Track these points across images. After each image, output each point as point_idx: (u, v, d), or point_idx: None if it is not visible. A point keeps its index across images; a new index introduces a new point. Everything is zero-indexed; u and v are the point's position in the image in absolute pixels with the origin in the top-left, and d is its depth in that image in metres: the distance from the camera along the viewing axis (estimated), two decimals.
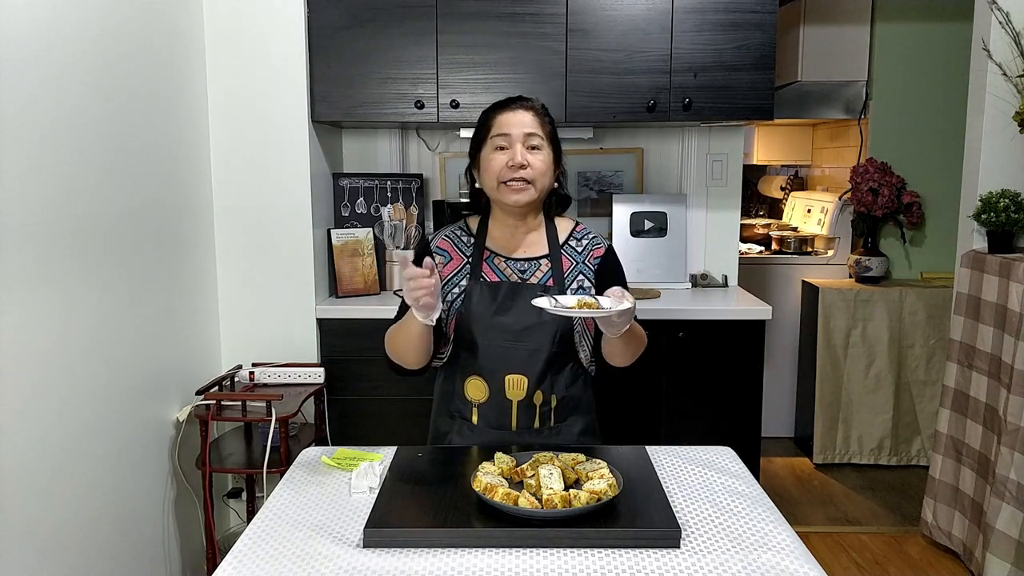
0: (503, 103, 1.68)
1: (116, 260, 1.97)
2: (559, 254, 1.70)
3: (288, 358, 2.57)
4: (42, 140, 1.68)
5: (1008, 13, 2.52)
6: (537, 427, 1.64)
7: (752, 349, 2.57)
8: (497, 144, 1.63)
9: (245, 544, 1.22)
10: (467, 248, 1.72)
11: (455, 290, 1.67)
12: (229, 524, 2.67)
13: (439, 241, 1.74)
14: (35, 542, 1.66)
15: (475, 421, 1.65)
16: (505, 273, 1.68)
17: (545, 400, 1.64)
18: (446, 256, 1.71)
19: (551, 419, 1.65)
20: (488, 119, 1.67)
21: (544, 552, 1.17)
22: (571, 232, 1.75)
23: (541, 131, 1.64)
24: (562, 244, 1.72)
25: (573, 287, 1.67)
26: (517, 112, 1.64)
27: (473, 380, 1.64)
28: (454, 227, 1.78)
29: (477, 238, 1.72)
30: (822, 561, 2.15)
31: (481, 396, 1.64)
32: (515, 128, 1.62)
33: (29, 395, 1.64)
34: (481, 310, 1.63)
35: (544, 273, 1.68)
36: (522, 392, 1.62)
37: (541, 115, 1.67)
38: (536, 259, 1.70)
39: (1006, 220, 2.54)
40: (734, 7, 2.54)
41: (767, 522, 1.29)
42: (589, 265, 1.71)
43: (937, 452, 2.79)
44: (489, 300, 1.63)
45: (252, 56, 2.48)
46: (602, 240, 1.76)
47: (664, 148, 3.07)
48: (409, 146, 3.06)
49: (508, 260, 1.69)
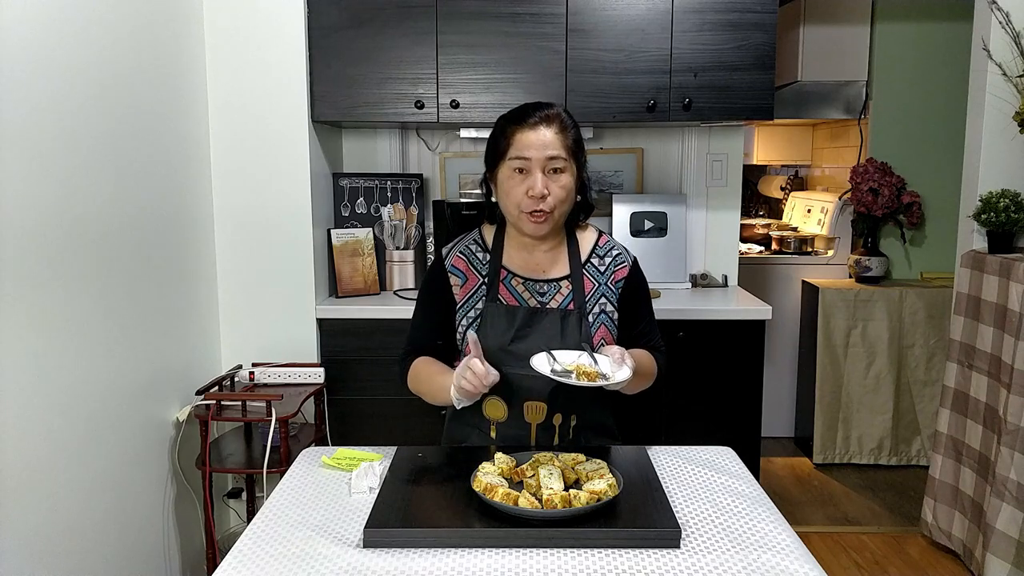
0: (523, 116, 1.55)
1: (116, 260, 1.97)
2: (580, 275, 1.62)
3: (288, 358, 2.57)
4: (43, 141, 1.68)
5: (1008, 13, 2.52)
6: (556, 443, 1.60)
7: (752, 349, 2.57)
8: (515, 166, 1.53)
9: (245, 544, 1.22)
10: (482, 266, 1.65)
11: (471, 312, 1.62)
12: (229, 524, 2.67)
13: (454, 259, 1.67)
14: (35, 542, 1.66)
15: (493, 435, 1.62)
16: (523, 296, 1.61)
17: (565, 421, 1.61)
18: (462, 277, 1.64)
19: (570, 435, 1.62)
20: (507, 133, 1.56)
21: (544, 552, 1.17)
22: (593, 248, 1.67)
23: (564, 149, 1.53)
24: (584, 263, 1.64)
25: (596, 311, 1.61)
26: (539, 131, 1.53)
27: (491, 401, 1.59)
28: (468, 240, 1.70)
29: (493, 255, 1.64)
30: (822, 561, 2.15)
31: (500, 416, 1.60)
32: (535, 151, 1.52)
33: (30, 395, 1.64)
34: (497, 335, 1.57)
35: (565, 296, 1.61)
36: (541, 416, 1.59)
37: (565, 128, 1.55)
38: (556, 281, 1.63)
39: (1006, 220, 2.54)
40: (734, 7, 2.54)
41: (767, 522, 1.29)
42: (612, 288, 1.64)
43: (937, 452, 2.79)
44: (506, 326, 1.57)
45: (252, 56, 2.48)
46: (626, 257, 1.68)
47: (664, 148, 3.07)
48: (409, 146, 3.06)
49: (527, 281, 1.62)
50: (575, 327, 1.57)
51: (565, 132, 1.55)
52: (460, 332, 1.63)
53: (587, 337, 1.57)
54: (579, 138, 1.59)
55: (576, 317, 1.58)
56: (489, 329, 1.58)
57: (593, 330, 1.60)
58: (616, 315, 1.63)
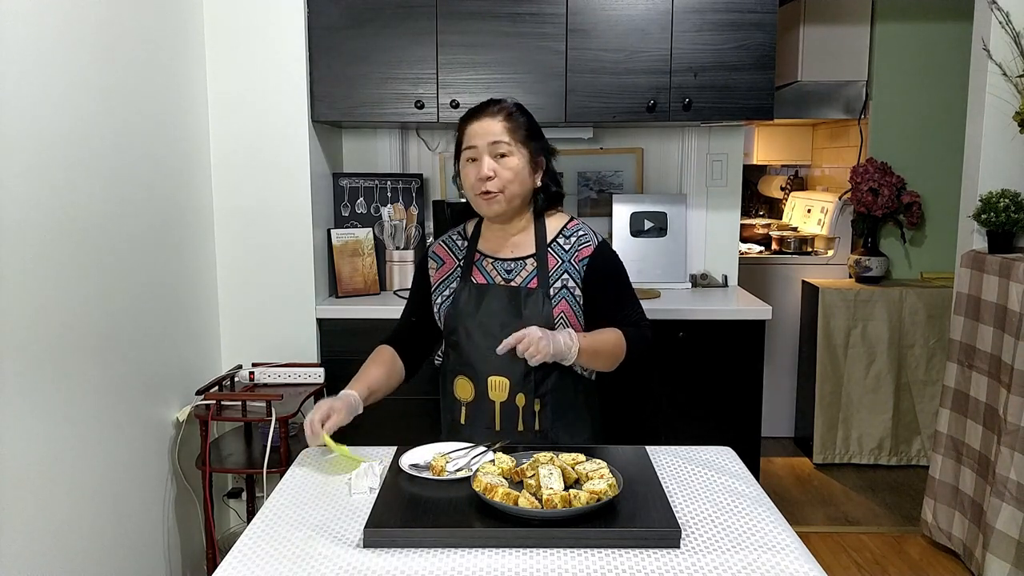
0: (472, 111, 1.69)
1: (116, 260, 1.97)
2: (544, 253, 1.70)
3: (288, 358, 2.57)
4: (42, 140, 1.68)
5: (1008, 13, 2.52)
6: (521, 430, 1.65)
7: (752, 349, 2.57)
8: (468, 156, 1.66)
9: (245, 544, 1.22)
10: (460, 252, 1.78)
11: (446, 292, 1.73)
12: (229, 524, 2.67)
13: (436, 247, 1.83)
14: (35, 541, 1.66)
15: (463, 421, 1.69)
16: (492, 275, 1.71)
17: (528, 403, 1.65)
18: (439, 261, 1.79)
19: (536, 422, 1.65)
20: (461, 129, 1.70)
21: (544, 552, 1.17)
22: (560, 230, 1.74)
23: (510, 136, 1.64)
24: (549, 243, 1.72)
25: (557, 285, 1.67)
26: (483, 121, 1.65)
27: (460, 380, 1.70)
28: (453, 232, 1.84)
29: (470, 241, 1.77)
30: (822, 561, 2.15)
31: (467, 396, 1.68)
32: (480, 139, 1.64)
33: (29, 395, 1.64)
34: (466, 311, 1.68)
35: (529, 273, 1.69)
36: (504, 394, 1.65)
37: (511, 119, 1.66)
38: (522, 259, 1.71)
39: (1006, 220, 2.54)
40: (734, 7, 2.54)
41: (767, 522, 1.29)
42: (575, 265, 1.70)
43: (937, 452, 2.79)
44: (475, 302, 1.68)
45: (252, 56, 2.48)
46: (592, 238, 1.74)
47: (664, 148, 3.07)
48: (409, 146, 3.06)
49: (496, 261, 1.73)
50: (535, 302, 1.65)
51: (511, 120, 1.66)
52: (436, 310, 1.75)
53: (547, 311, 1.65)
54: (534, 130, 1.70)
55: (538, 293, 1.66)
56: (460, 305, 1.69)
57: (554, 303, 1.66)
58: (579, 292, 1.69)
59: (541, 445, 1.58)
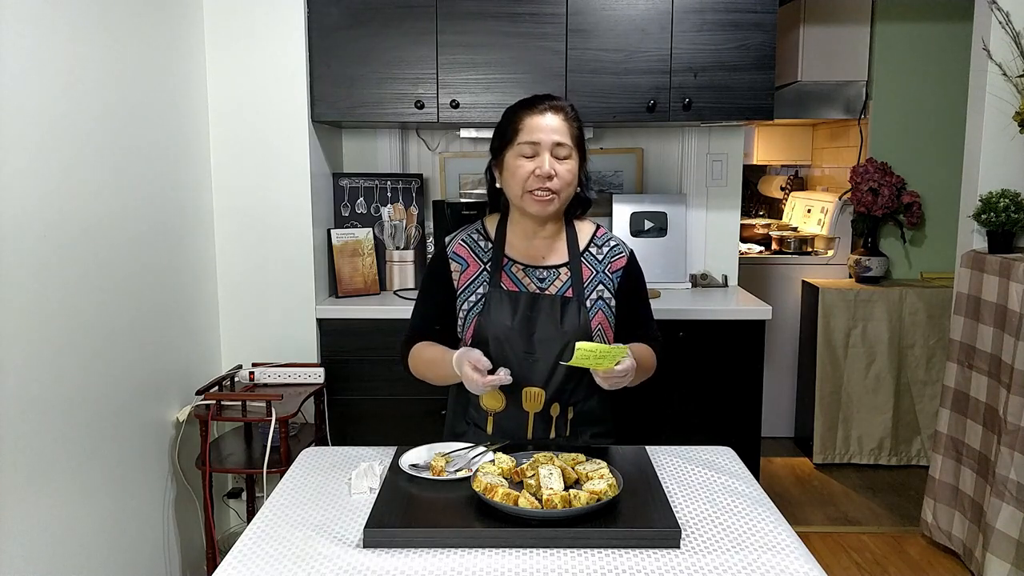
0: (532, 103, 1.60)
1: (116, 260, 1.97)
2: (579, 263, 1.66)
3: (288, 358, 2.57)
4: (42, 141, 1.68)
5: (1008, 13, 2.52)
6: (552, 436, 1.63)
7: (752, 349, 2.57)
8: (524, 151, 1.57)
9: (245, 544, 1.23)
10: (484, 254, 1.68)
11: (472, 297, 1.64)
12: (229, 524, 2.67)
13: (456, 246, 1.70)
14: (35, 542, 1.66)
15: (489, 431, 1.63)
16: (524, 283, 1.64)
17: (562, 412, 1.62)
18: (463, 263, 1.68)
19: (566, 429, 1.64)
20: (516, 120, 1.59)
21: (544, 552, 1.18)
22: (592, 238, 1.70)
23: (570, 138, 1.58)
24: (582, 251, 1.68)
25: (593, 296, 1.63)
26: (547, 116, 1.57)
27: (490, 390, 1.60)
28: (471, 230, 1.73)
29: (495, 243, 1.68)
30: (822, 561, 2.15)
31: (498, 405, 1.62)
32: (544, 135, 1.56)
33: (30, 395, 1.64)
34: (500, 320, 1.59)
35: (563, 283, 1.64)
36: (539, 404, 1.60)
37: (571, 119, 1.60)
38: (556, 267, 1.66)
39: (1006, 220, 2.54)
40: (734, 7, 2.54)
41: (767, 522, 1.29)
42: (610, 276, 1.67)
43: (937, 452, 2.79)
44: (508, 311, 1.60)
45: (252, 56, 2.48)
46: (623, 248, 1.71)
47: (664, 148, 3.07)
48: (409, 146, 3.06)
49: (527, 268, 1.65)
50: (574, 312, 1.60)
51: (570, 122, 1.60)
52: (461, 317, 1.65)
53: (585, 322, 1.60)
54: (582, 132, 1.64)
55: (575, 303, 1.61)
56: (492, 314, 1.60)
57: (591, 315, 1.62)
58: (613, 303, 1.66)
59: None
